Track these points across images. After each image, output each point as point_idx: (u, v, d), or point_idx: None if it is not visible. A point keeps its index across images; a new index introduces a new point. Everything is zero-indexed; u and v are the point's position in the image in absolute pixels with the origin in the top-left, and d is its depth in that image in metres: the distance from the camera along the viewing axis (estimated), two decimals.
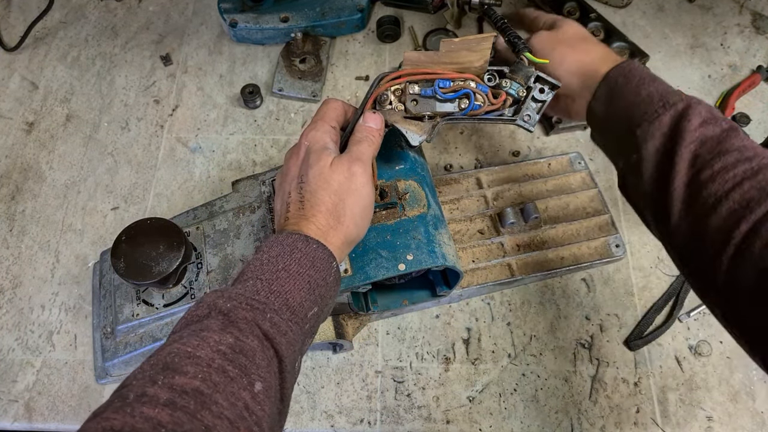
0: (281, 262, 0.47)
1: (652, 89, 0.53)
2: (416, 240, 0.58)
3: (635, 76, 0.54)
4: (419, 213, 0.60)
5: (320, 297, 0.48)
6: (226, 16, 0.92)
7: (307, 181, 0.52)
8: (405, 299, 0.69)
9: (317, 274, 0.48)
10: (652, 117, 0.51)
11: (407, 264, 0.57)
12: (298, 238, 0.48)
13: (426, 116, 0.56)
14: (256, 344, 0.42)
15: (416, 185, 0.62)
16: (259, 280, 0.46)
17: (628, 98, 0.54)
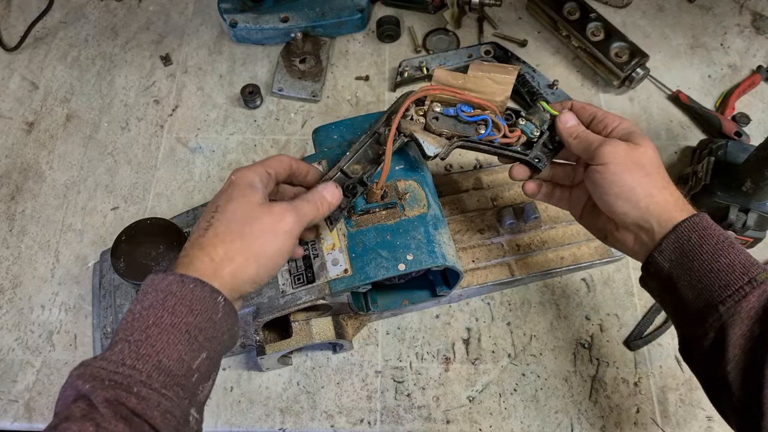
0: (152, 315, 0.43)
1: (732, 257, 0.48)
2: (416, 240, 0.58)
3: (711, 236, 0.49)
4: (419, 213, 0.60)
5: (206, 341, 0.44)
6: (226, 16, 0.92)
7: (222, 211, 0.48)
8: (405, 299, 0.69)
9: (198, 318, 0.44)
10: (737, 295, 0.46)
11: (407, 264, 0.57)
12: (173, 281, 0.44)
13: (444, 134, 0.58)
14: (122, 427, 0.39)
15: (416, 185, 0.62)
16: (127, 343, 0.42)
17: (704, 263, 0.49)
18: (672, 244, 0.51)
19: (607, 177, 0.54)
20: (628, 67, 0.85)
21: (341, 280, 0.58)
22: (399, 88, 0.90)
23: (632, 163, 0.53)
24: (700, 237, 0.50)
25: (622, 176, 0.53)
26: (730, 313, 0.47)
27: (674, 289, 0.51)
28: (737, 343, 0.46)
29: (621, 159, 0.53)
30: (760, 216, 0.70)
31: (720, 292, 0.47)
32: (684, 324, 0.53)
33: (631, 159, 0.53)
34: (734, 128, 0.82)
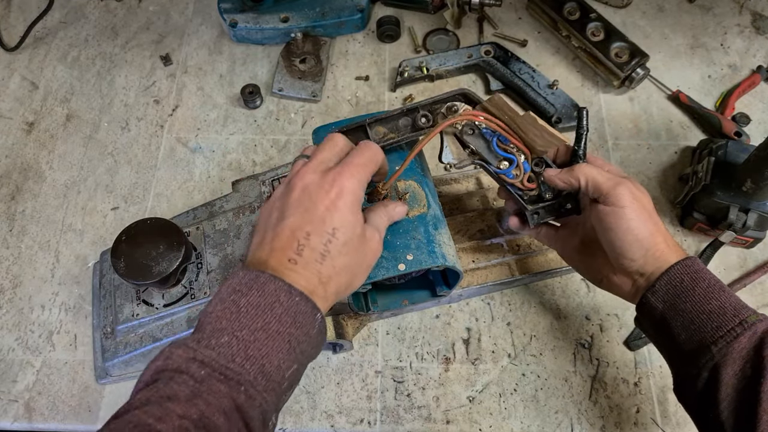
0: (261, 318, 0.43)
1: (723, 300, 0.50)
2: (416, 240, 0.58)
3: (703, 279, 0.51)
4: (419, 213, 0.60)
5: (301, 353, 0.45)
6: (226, 16, 0.92)
7: (339, 240, 0.46)
8: (405, 299, 0.69)
9: (299, 330, 0.44)
10: (728, 336, 0.48)
11: (407, 264, 0.57)
12: (281, 288, 0.44)
13: (470, 149, 0.59)
14: (222, 421, 0.39)
15: (416, 185, 0.62)
16: (236, 339, 0.42)
17: (696, 305, 0.50)
18: (665, 286, 0.52)
19: (623, 222, 0.54)
20: (628, 67, 0.85)
21: None
22: (399, 88, 0.90)
23: (642, 207, 0.54)
24: (692, 279, 0.51)
25: (639, 222, 0.53)
26: (722, 354, 0.48)
27: (668, 329, 0.52)
28: (730, 383, 0.47)
29: (635, 202, 0.54)
30: (760, 216, 0.70)
31: (712, 333, 0.49)
32: (678, 364, 0.53)
33: (643, 202, 0.54)
34: (734, 128, 0.82)
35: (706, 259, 0.74)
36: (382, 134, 0.60)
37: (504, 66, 0.88)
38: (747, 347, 0.47)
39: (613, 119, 0.87)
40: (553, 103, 0.85)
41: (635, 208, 0.54)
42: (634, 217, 0.53)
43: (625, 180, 0.55)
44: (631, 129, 0.86)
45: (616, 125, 0.86)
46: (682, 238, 0.77)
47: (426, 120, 0.59)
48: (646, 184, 0.81)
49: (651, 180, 0.82)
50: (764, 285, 0.74)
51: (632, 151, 0.84)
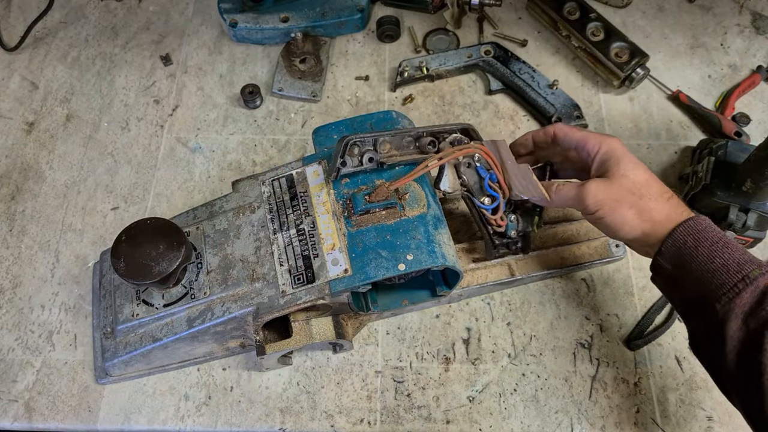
0: None
1: (726, 256, 0.51)
2: (416, 240, 0.58)
3: (706, 238, 0.53)
4: (419, 213, 0.60)
5: None
6: (226, 16, 0.92)
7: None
8: (405, 299, 0.69)
9: None
10: (731, 293, 0.50)
11: (407, 264, 0.57)
12: None
13: (462, 179, 0.63)
14: None
15: (416, 185, 0.62)
16: None
17: (700, 264, 0.52)
18: (670, 248, 0.54)
19: (600, 223, 0.59)
20: (628, 67, 0.85)
21: (341, 280, 0.58)
22: (399, 88, 0.90)
23: (614, 202, 0.57)
24: (695, 240, 0.53)
25: (612, 218, 0.57)
26: (725, 310, 0.50)
27: (678, 287, 0.56)
28: (734, 336, 0.49)
29: (604, 204, 0.57)
30: (760, 216, 0.70)
31: (716, 291, 0.51)
32: (689, 319, 0.56)
33: (612, 197, 0.57)
34: (734, 128, 0.82)
35: None
36: (387, 150, 0.61)
37: (504, 66, 0.88)
38: (749, 302, 0.49)
39: (613, 119, 0.87)
40: (553, 103, 0.85)
41: (603, 207, 0.57)
42: (605, 216, 0.57)
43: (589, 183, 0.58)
44: (631, 129, 0.86)
45: (616, 125, 0.86)
46: None
47: (432, 146, 0.62)
48: None
49: None
50: None
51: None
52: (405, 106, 0.89)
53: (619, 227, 0.57)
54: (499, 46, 0.90)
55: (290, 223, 0.62)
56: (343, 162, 0.59)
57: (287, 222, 0.62)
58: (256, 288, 0.60)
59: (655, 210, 0.56)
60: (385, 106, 0.89)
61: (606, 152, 0.59)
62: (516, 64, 0.88)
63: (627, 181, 0.57)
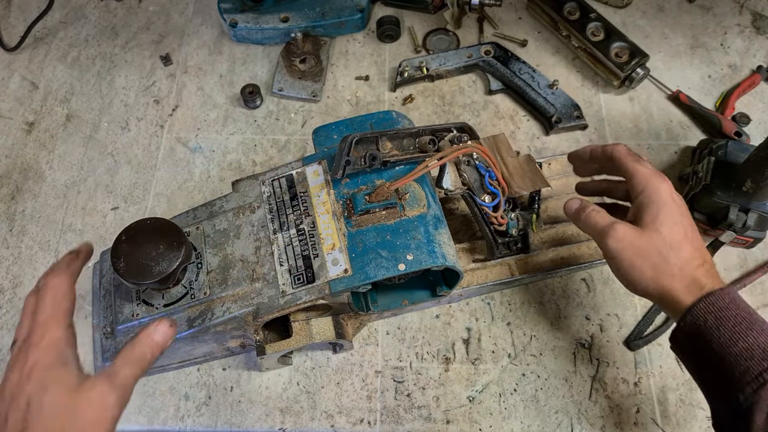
0: None
1: (751, 341, 0.47)
2: (416, 240, 0.58)
3: (728, 318, 0.48)
4: (419, 213, 0.60)
5: None
6: (226, 16, 0.92)
7: (39, 409, 0.40)
8: (405, 299, 0.69)
9: None
10: (755, 383, 0.45)
11: (407, 264, 0.57)
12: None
13: (462, 178, 0.64)
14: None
15: (416, 185, 0.62)
16: None
17: (721, 346, 0.48)
18: (689, 324, 0.50)
19: (615, 270, 0.55)
20: (628, 67, 0.85)
21: (341, 280, 0.58)
22: (399, 88, 0.90)
23: (636, 255, 0.53)
24: (717, 319, 0.48)
25: (629, 271, 0.53)
26: (750, 402, 0.45)
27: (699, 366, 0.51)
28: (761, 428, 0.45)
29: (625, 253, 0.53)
30: (760, 216, 0.70)
31: (739, 379, 0.46)
32: (711, 401, 0.51)
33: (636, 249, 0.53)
34: (734, 128, 0.82)
35: None
36: (388, 149, 0.62)
37: (504, 66, 0.88)
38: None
39: (613, 119, 0.87)
40: (553, 103, 0.85)
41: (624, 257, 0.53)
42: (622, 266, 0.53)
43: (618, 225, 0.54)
44: (631, 129, 0.86)
45: (616, 125, 0.86)
46: None
47: (432, 145, 0.62)
48: None
49: None
50: (764, 285, 0.74)
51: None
52: (405, 106, 0.89)
53: (634, 283, 0.54)
54: (499, 46, 0.90)
55: (290, 223, 0.62)
56: (348, 160, 0.59)
57: (287, 222, 0.62)
58: (256, 288, 0.60)
59: (677, 278, 0.52)
60: (385, 106, 0.89)
61: (648, 196, 0.54)
62: (516, 64, 0.88)
63: (658, 237, 0.52)
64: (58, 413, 0.41)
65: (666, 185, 0.55)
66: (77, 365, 0.45)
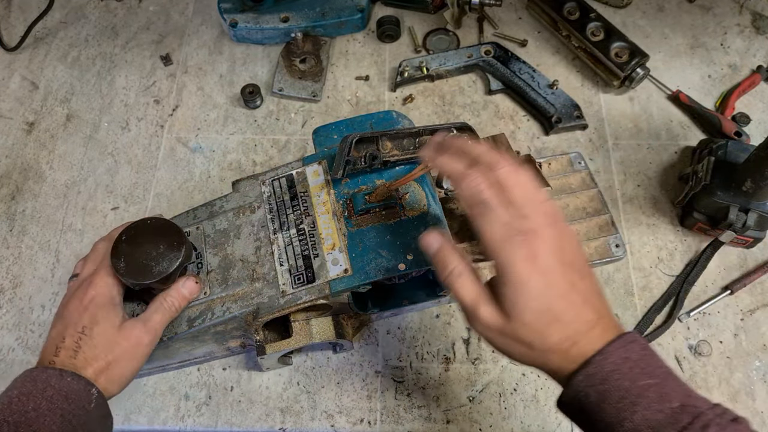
0: (32, 401, 0.47)
1: (637, 420, 0.39)
2: (416, 240, 0.58)
3: (610, 391, 0.40)
4: (419, 213, 0.60)
5: (80, 425, 0.48)
6: (226, 16, 0.92)
7: (90, 335, 0.53)
8: (405, 299, 0.69)
9: (73, 405, 0.48)
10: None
11: (407, 264, 0.57)
12: (51, 374, 0.49)
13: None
14: None
15: (416, 185, 0.62)
16: (6, 423, 0.46)
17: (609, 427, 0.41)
18: (571, 399, 0.43)
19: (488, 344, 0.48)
20: (628, 67, 0.85)
21: (341, 280, 0.58)
22: (399, 88, 0.90)
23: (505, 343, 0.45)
24: (599, 393, 0.41)
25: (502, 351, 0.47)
26: None
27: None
28: None
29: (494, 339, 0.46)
30: (760, 216, 0.70)
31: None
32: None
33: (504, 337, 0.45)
34: (734, 128, 0.82)
35: (706, 259, 0.74)
36: (388, 149, 0.62)
37: (504, 66, 0.88)
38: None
39: (613, 119, 0.87)
40: (553, 103, 0.85)
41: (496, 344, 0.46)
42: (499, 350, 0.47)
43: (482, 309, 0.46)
44: (631, 129, 0.86)
45: (616, 125, 0.86)
46: (683, 237, 0.77)
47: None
48: (646, 184, 0.81)
49: (651, 180, 0.82)
50: (764, 285, 0.74)
51: (632, 151, 0.84)
52: (405, 106, 0.89)
53: (510, 358, 0.46)
54: (499, 46, 0.90)
55: (290, 222, 0.62)
56: (348, 160, 0.59)
57: (287, 222, 0.62)
58: (256, 288, 0.60)
59: (550, 354, 0.43)
60: (386, 106, 0.89)
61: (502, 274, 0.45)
62: (516, 64, 0.88)
63: (522, 328, 0.44)
64: (103, 343, 0.53)
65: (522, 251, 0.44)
66: (122, 309, 0.57)
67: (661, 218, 0.79)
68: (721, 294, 0.73)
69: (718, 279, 0.74)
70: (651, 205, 0.79)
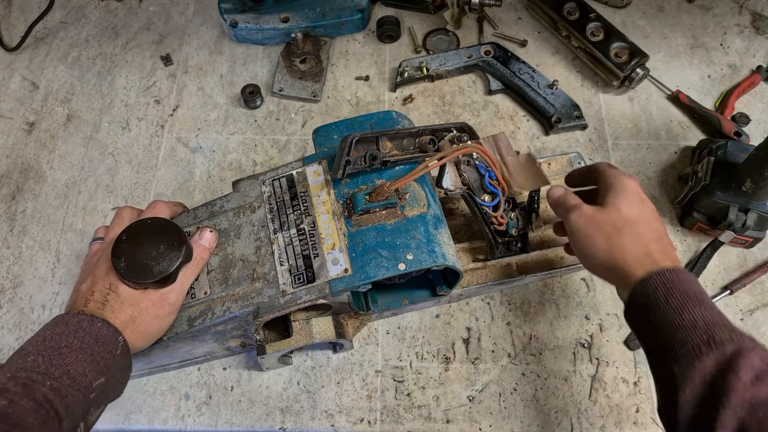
0: (64, 339, 0.50)
1: (696, 314, 0.46)
2: (416, 240, 0.58)
3: (678, 290, 0.48)
4: (419, 213, 0.60)
5: (106, 368, 0.51)
6: (226, 17, 0.92)
7: (117, 293, 0.55)
8: (405, 299, 0.69)
9: (101, 348, 0.51)
10: (692, 354, 0.44)
11: (407, 264, 0.57)
12: (83, 319, 0.52)
13: (462, 178, 0.64)
14: (31, 405, 0.45)
15: (416, 185, 0.62)
16: (41, 356, 0.48)
17: (667, 317, 0.47)
18: (640, 298, 0.50)
19: (573, 245, 0.58)
20: (627, 67, 0.85)
21: (341, 279, 0.58)
22: (399, 88, 0.90)
23: (593, 228, 0.55)
24: (667, 290, 0.48)
25: (584, 243, 0.56)
26: (683, 374, 0.44)
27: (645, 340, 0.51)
28: (687, 407, 0.43)
29: (583, 226, 0.56)
30: (760, 216, 0.70)
31: (677, 349, 0.45)
32: (655, 375, 0.50)
33: (593, 223, 0.56)
34: (734, 128, 0.82)
35: (705, 259, 0.74)
36: (388, 149, 0.62)
37: (504, 66, 0.88)
38: (710, 370, 0.43)
39: (612, 119, 0.87)
40: (552, 103, 0.85)
41: (580, 230, 0.56)
42: (578, 239, 0.56)
43: (582, 204, 0.58)
44: (631, 129, 0.86)
45: (616, 125, 0.86)
46: (682, 237, 0.77)
47: (432, 144, 0.62)
48: (645, 184, 0.81)
49: (651, 180, 0.82)
50: (764, 285, 0.74)
51: (632, 151, 0.84)
52: (405, 106, 0.89)
53: (587, 255, 0.56)
54: (499, 46, 0.90)
55: (290, 222, 0.62)
56: (348, 160, 0.59)
57: (287, 222, 0.62)
58: (256, 288, 0.60)
59: (628, 249, 0.53)
60: (386, 106, 0.89)
61: (612, 183, 0.57)
62: (516, 64, 0.88)
63: (615, 213, 0.55)
64: (129, 300, 0.55)
65: (633, 181, 0.58)
66: None
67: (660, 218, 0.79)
68: (721, 294, 0.73)
69: (717, 279, 0.74)
70: None
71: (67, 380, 0.48)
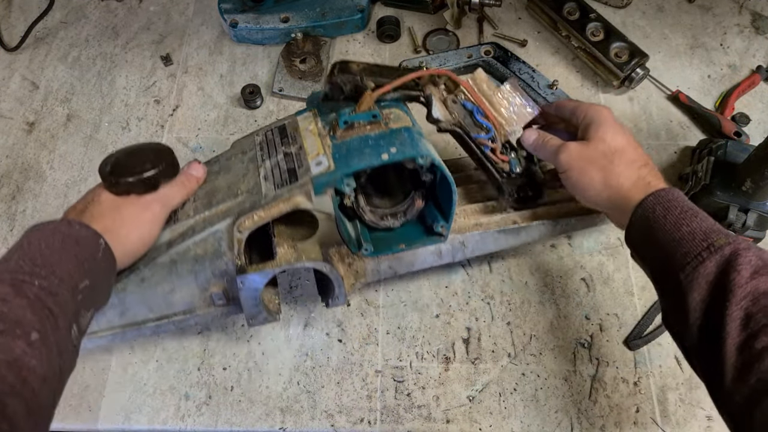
0: (43, 242, 0.48)
1: (694, 225, 0.49)
2: (400, 139, 0.57)
3: (675, 206, 0.51)
4: (403, 125, 0.59)
5: (90, 270, 0.49)
6: (226, 17, 0.93)
7: (98, 200, 0.55)
8: (402, 243, 0.64)
9: (83, 250, 0.50)
10: (695, 262, 0.48)
11: (390, 155, 0.55)
12: (60, 224, 0.50)
13: (454, 114, 0.64)
14: (25, 302, 0.44)
15: (400, 111, 0.61)
16: (22, 260, 0.47)
17: (667, 233, 0.51)
18: (640, 219, 0.54)
19: (569, 182, 0.60)
20: (627, 67, 0.85)
21: (323, 175, 0.56)
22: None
23: (585, 162, 0.58)
24: (664, 208, 0.52)
25: (579, 179, 0.59)
26: (689, 280, 0.48)
27: (648, 262, 0.55)
28: (697, 308, 0.47)
29: (574, 163, 0.59)
30: (760, 216, 0.70)
31: (680, 259, 0.49)
32: (660, 293, 0.54)
33: (584, 158, 0.58)
34: (734, 128, 0.82)
35: None
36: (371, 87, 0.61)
37: (504, 66, 0.88)
38: (713, 271, 0.47)
39: None
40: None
41: (574, 167, 0.59)
42: (573, 176, 0.59)
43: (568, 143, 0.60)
44: (631, 129, 0.86)
45: None
46: None
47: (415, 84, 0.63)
48: None
49: None
50: None
51: None
52: None
53: (585, 189, 0.58)
54: (499, 46, 0.90)
55: (278, 150, 0.61)
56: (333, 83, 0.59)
57: (276, 150, 0.61)
58: (238, 201, 0.59)
59: (623, 176, 0.56)
60: None
61: (590, 117, 0.60)
62: (516, 64, 0.88)
63: (602, 144, 0.58)
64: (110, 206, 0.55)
65: (606, 110, 0.60)
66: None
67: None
68: None
69: None
70: None
71: (54, 279, 0.46)
